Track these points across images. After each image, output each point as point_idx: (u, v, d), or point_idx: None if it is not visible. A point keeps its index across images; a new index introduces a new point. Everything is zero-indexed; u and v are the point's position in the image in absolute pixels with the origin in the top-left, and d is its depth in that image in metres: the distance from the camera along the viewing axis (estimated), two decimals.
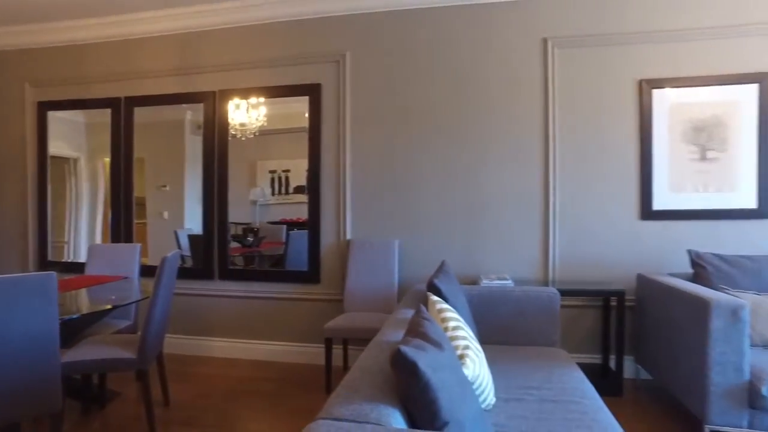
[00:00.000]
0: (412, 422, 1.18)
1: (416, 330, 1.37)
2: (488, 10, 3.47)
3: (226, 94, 3.87)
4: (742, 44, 3.18)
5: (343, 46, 3.67)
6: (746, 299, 2.53)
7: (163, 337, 2.80)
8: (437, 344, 1.28)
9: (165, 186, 4.26)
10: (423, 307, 1.54)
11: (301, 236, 3.80)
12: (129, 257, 3.38)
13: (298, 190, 3.89)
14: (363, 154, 3.66)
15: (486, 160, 3.48)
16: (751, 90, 3.15)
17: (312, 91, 3.72)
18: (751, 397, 2.22)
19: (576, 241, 3.37)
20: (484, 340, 2.62)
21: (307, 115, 3.74)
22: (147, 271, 3.49)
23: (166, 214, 4.24)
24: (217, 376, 3.46)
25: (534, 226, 3.42)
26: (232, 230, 3.98)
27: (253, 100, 3.86)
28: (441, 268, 2.31)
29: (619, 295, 3.02)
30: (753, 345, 2.50)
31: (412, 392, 1.14)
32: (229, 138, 3.90)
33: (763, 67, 3.16)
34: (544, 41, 3.39)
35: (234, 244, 3.99)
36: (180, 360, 3.77)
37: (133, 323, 3.26)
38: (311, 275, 3.73)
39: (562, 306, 3.33)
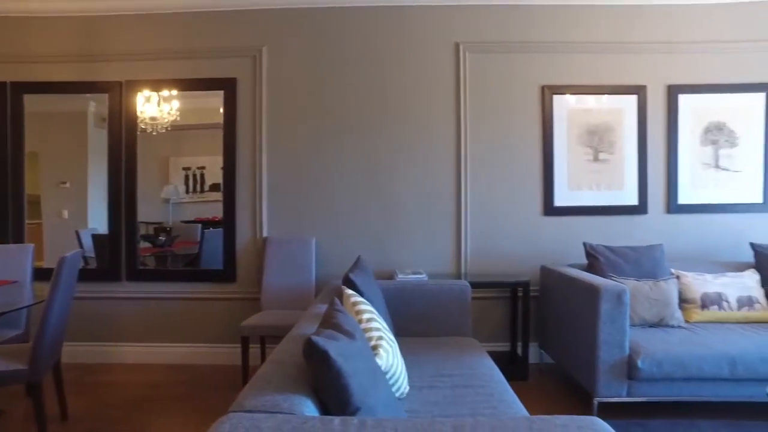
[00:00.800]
0: (324, 410, 1.22)
1: (329, 321, 1.40)
2: (404, 12, 3.58)
3: (134, 85, 3.65)
4: (626, 59, 3.56)
5: (260, 41, 3.61)
6: (628, 285, 2.85)
7: (60, 345, 2.59)
8: (349, 334, 1.33)
9: (65, 183, 3.93)
10: (337, 300, 1.57)
11: (216, 235, 3.69)
12: (19, 259, 3.08)
13: (214, 188, 3.77)
14: (280, 151, 3.63)
15: (401, 159, 3.59)
16: (632, 100, 3.54)
17: (227, 86, 3.62)
18: (629, 369, 2.50)
19: (486, 237, 3.58)
20: (400, 332, 2.72)
21: (222, 110, 3.63)
22: (42, 274, 3.21)
23: (65, 213, 3.91)
24: (125, 383, 3.27)
25: (447, 222, 3.58)
26: (143, 230, 3.77)
27: (164, 92, 3.68)
28: (357, 264, 2.36)
29: (525, 285, 3.26)
30: (632, 325, 2.81)
31: (324, 380, 1.17)
32: (139, 132, 3.68)
33: (640, 81, 3.55)
34: (457, 45, 3.56)
35: (145, 244, 3.78)
36: (83, 369, 3.51)
37: (24, 332, 2.99)
38: (227, 274, 3.63)
39: (474, 298, 3.52)
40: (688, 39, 3.55)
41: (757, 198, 3.57)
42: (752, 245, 3.27)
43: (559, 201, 3.54)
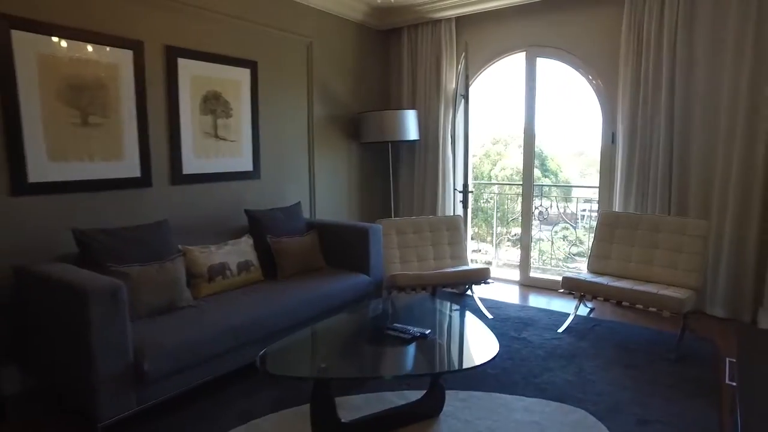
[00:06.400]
0: None
1: None
2: None
3: None
4: (122, 7, 3.02)
5: None
6: (132, 273, 2.49)
7: None
8: None
9: None
10: None
11: None
12: None
13: None
14: None
15: None
16: (129, 56, 3.07)
17: None
18: (136, 375, 2.17)
19: None
20: None
21: None
22: None
23: None
24: None
25: None
26: None
27: None
28: None
29: None
30: (139, 317, 2.48)
31: None
32: None
33: (138, 35, 3.11)
34: None
35: None
36: None
37: None
38: None
39: None
40: (189, 1, 3.36)
41: (249, 167, 3.91)
42: (246, 212, 3.54)
43: (36, 177, 2.70)
